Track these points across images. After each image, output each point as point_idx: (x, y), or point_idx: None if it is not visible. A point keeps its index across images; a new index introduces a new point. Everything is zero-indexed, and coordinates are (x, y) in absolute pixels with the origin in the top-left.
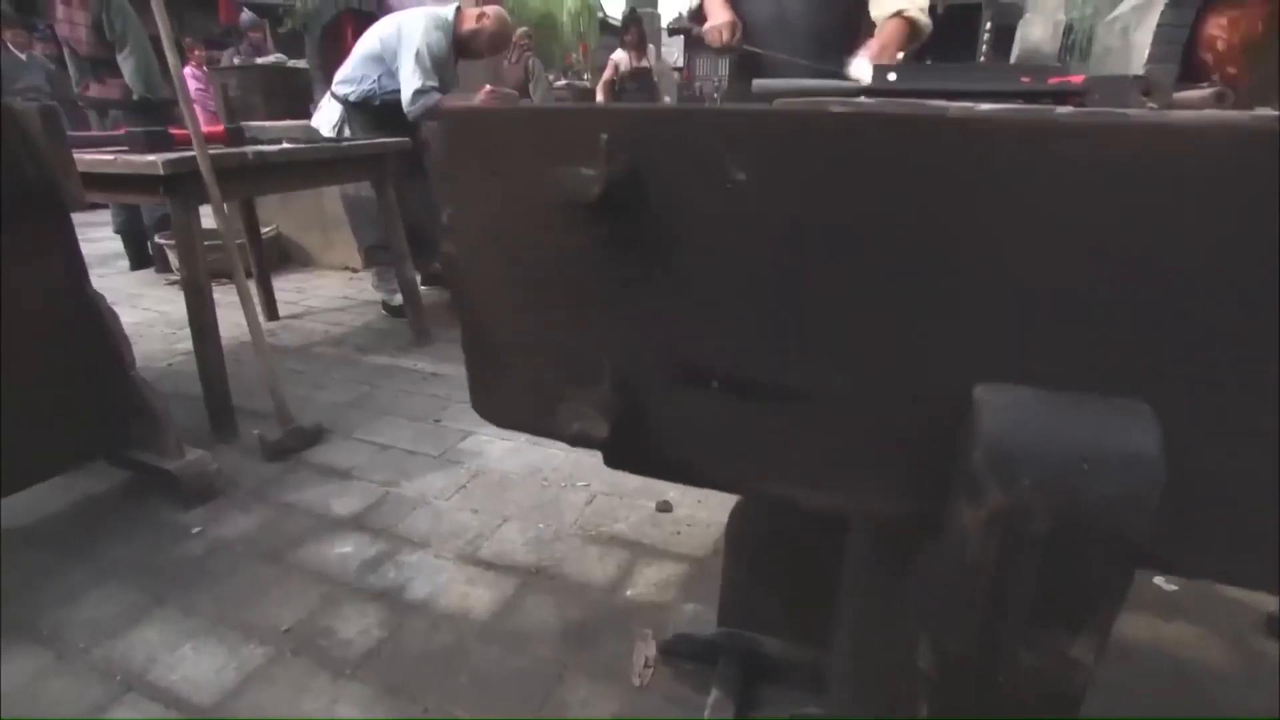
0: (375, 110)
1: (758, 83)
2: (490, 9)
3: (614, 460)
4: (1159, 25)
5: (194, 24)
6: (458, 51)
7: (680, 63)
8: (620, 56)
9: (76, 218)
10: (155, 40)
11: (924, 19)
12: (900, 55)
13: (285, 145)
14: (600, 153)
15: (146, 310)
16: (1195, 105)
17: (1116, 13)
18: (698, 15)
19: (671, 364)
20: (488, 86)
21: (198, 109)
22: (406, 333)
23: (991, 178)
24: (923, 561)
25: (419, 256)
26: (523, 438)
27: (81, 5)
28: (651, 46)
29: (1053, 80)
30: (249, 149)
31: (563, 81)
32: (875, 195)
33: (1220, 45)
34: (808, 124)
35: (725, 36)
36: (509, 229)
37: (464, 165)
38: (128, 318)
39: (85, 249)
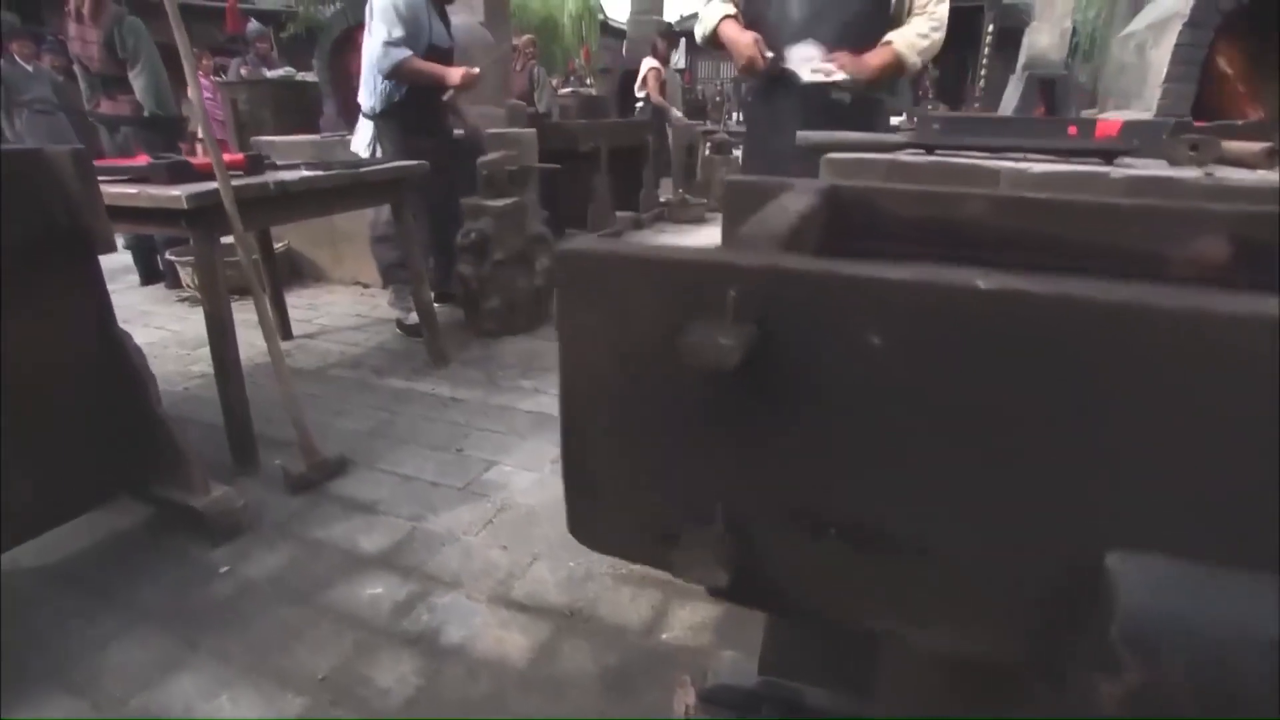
0: (401, 112)
1: (802, 135)
2: None
3: (733, 600)
4: (1177, 45)
5: (199, 32)
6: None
7: (682, 64)
8: (655, 64)
9: None
10: (164, 49)
11: (912, 58)
12: (869, 73)
13: (305, 173)
14: (730, 309)
15: (159, 329)
16: (1246, 161)
17: (1131, 29)
18: (713, 40)
19: (789, 511)
20: (462, 70)
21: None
22: (422, 354)
23: (1142, 360)
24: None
25: (438, 266)
26: (547, 469)
27: (94, 23)
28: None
29: (1090, 122)
30: (270, 179)
31: (568, 89)
32: (1016, 370)
33: (1234, 70)
34: (951, 297)
35: (759, 62)
36: (626, 371)
37: (580, 303)
38: (140, 337)
39: None
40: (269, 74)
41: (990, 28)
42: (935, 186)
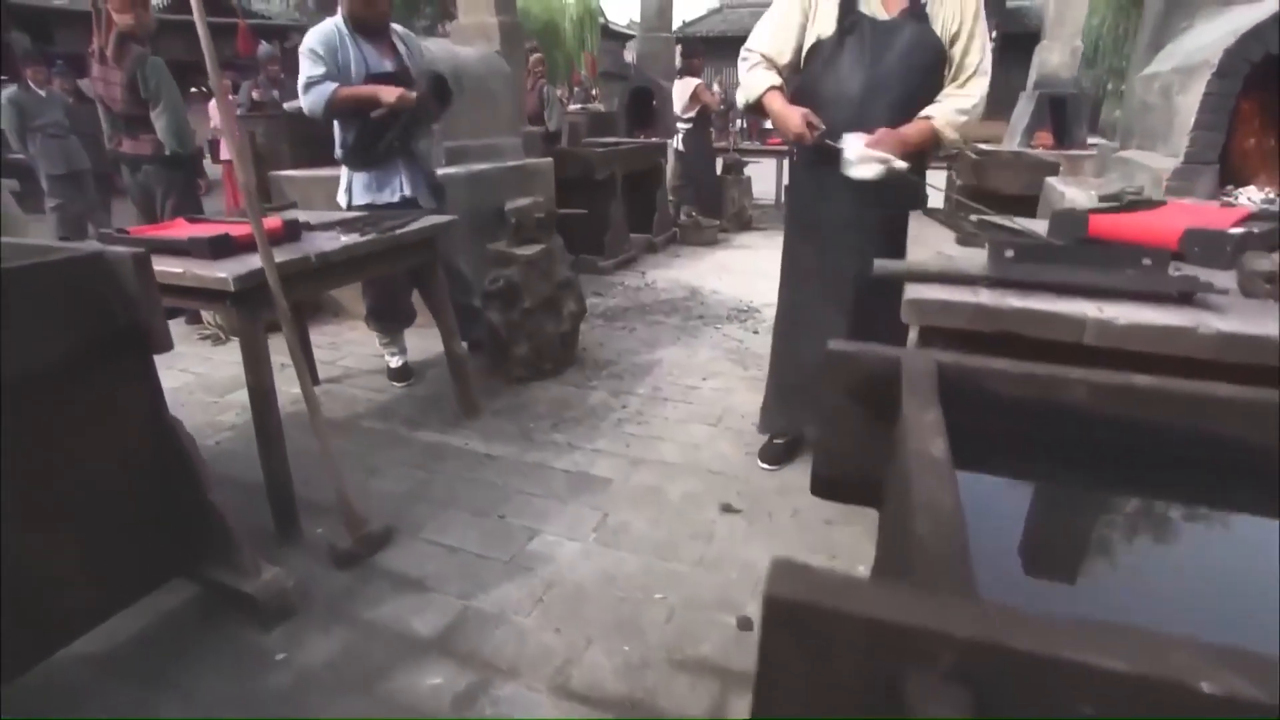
0: (353, 158)
1: (880, 263)
2: None
3: None
4: (1205, 94)
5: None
6: (357, 28)
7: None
8: (698, 81)
9: None
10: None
11: (950, 135)
12: (895, 148)
13: (343, 239)
14: (943, 669)
15: (183, 371)
16: None
17: (1155, 70)
18: (756, 108)
19: None
20: (399, 90)
21: (224, 142)
22: (451, 402)
23: None
24: None
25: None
26: (590, 538)
27: (117, 64)
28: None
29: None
30: (311, 251)
31: (577, 106)
32: None
33: (1261, 119)
34: (1173, 694)
35: (808, 138)
36: (828, 709)
37: (784, 645)
38: (164, 381)
39: None
40: (286, 106)
41: (993, 34)
42: (1037, 369)
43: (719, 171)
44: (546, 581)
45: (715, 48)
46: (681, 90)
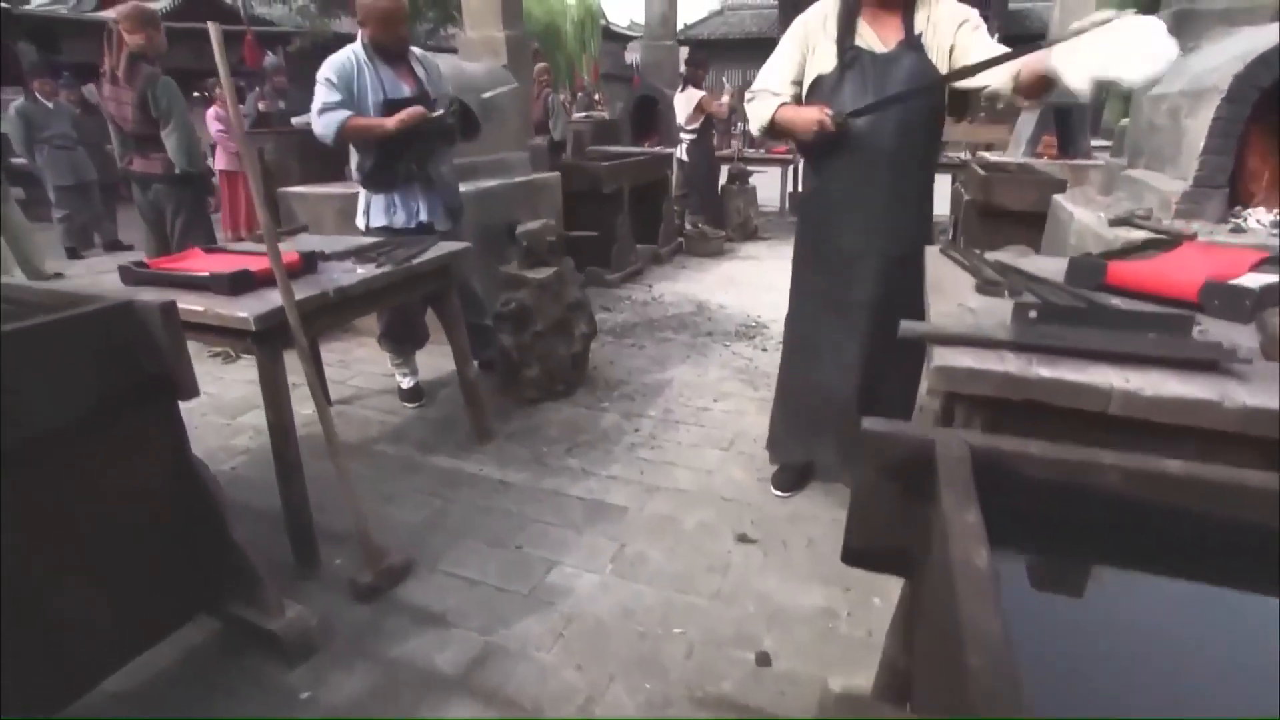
0: (374, 183)
1: (905, 324)
2: None
3: None
4: (1215, 119)
5: (212, 55)
6: (377, 51)
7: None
8: (701, 92)
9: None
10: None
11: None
12: None
13: (360, 272)
14: None
15: None
16: None
17: (1164, 91)
18: (771, 128)
19: None
20: (397, 117)
21: (220, 150)
22: (464, 425)
23: None
24: None
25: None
26: (608, 570)
27: (128, 84)
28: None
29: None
30: (330, 287)
31: (581, 114)
32: None
33: (1268, 143)
34: None
35: (828, 123)
36: None
37: None
38: None
39: None
40: (295, 121)
41: (995, 37)
42: (1068, 453)
43: (724, 181)
44: (566, 616)
45: (717, 50)
46: (685, 102)
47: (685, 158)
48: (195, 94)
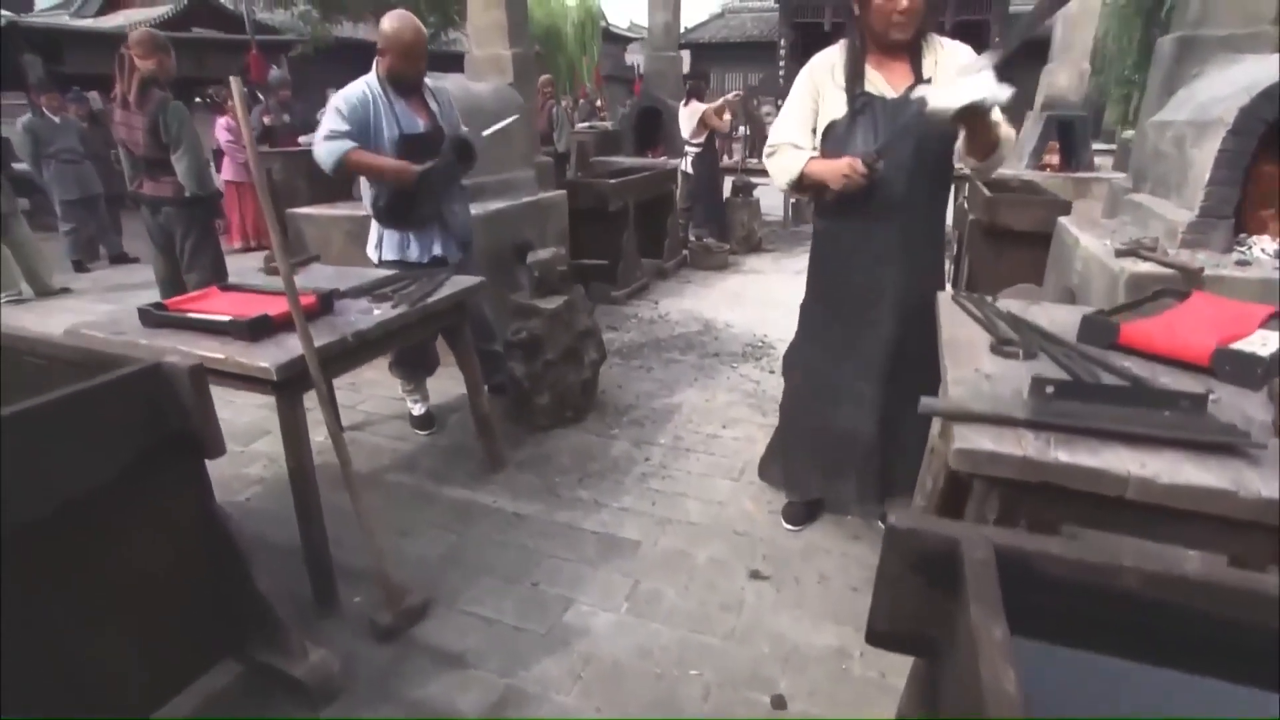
0: (391, 215)
1: (925, 401)
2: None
3: None
4: (1221, 150)
5: (217, 63)
6: (394, 84)
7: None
8: (703, 106)
9: (118, 289)
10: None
11: (1006, 130)
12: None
13: (376, 315)
14: None
15: None
16: None
17: (1168, 118)
18: (800, 183)
19: None
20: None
21: (227, 160)
22: (476, 453)
23: None
24: None
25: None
26: (623, 608)
27: (139, 110)
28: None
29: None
30: (349, 333)
31: (585, 124)
32: None
33: (1272, 174)
34: None
35: (859, 166)
36: None
37: None
38: None
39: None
40: (303, 140)
41: (995, 41)
42: (1089, 554)
43: (728, 194)
44: (584, 656)
45: (718, 54)
46: (688, 116)
47: (690, 170)
48: (198, 99)
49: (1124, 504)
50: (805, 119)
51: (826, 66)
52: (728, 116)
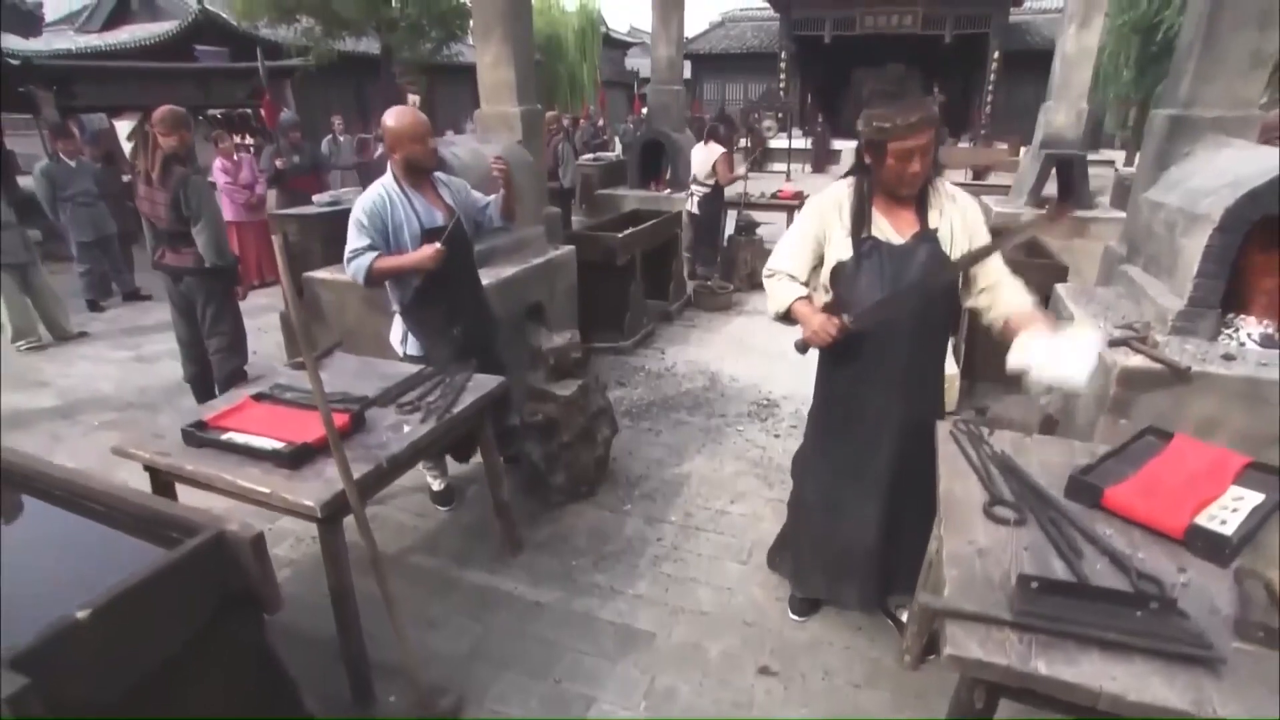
0: (418, 309)
1: (922, 596)
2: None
3: None
4: (1208, 246)
5: (221, 91)
6: (408, 176)
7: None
8: (722, 149)
9: (133, 331)
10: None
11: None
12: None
13: (406, 432)
14: None
15: None
16: None
17: (1161, 200)
18: (786, 316)
19: None
20: (429, 252)
21: (226, 200)
22: (495, 530)
23: None
24: None
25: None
26: (641, 706)
27: (162, 186)
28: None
29: None
30: (384, 458)
31: (589, 155)
32: None
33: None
34: None
35: (831, 330)
36: None
37: None
38: (213, 499)
39: (142, 371)
40: (315, 200)
41: (996, 55)
42: None
43: (730, 231)
44: None
45: (719, 64)
46: (704, 156)
47: (697, 210)
48: (200, 117)
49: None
50: (806, 253)
51: (834, 205)
52: (740, 170)
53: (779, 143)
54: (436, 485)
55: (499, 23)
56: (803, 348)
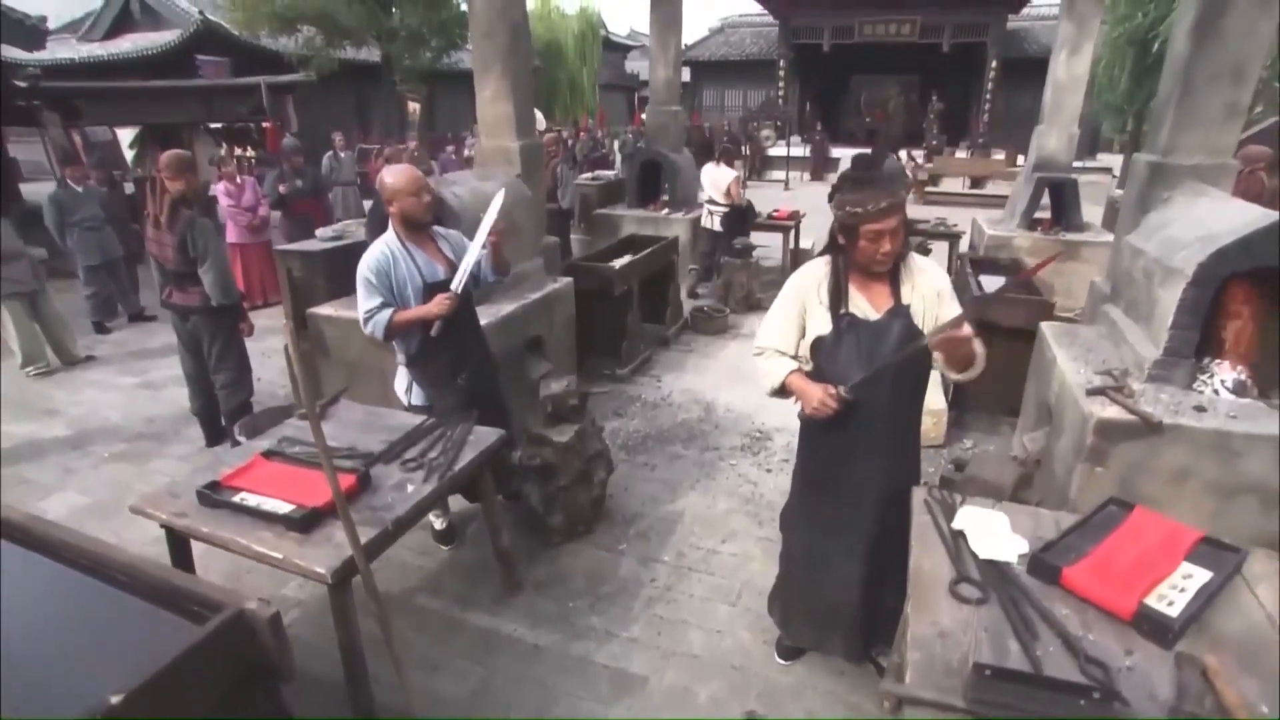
0: (423, 360)
1: (885, 685)
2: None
3: None
4: (1182, 299)
5: (221, 107)
6: (408, 231)
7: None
8: (735, 173)
9: (140, 355)
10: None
11: (979, 349)
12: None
13: (410, 492)
14: None
15: None
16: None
17: (1139, 245)
18: (781, 390)
19: None
20: (439, 304)
21: (229, 222)
22: (497, 571)
23: None
24: None
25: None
26: None
27: (170, 229)
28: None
29: None
30: (390, 521)
31: (588, 175)
32: None
33: (1237, 322)
34: None
35: (832, 403)
36: None
37: None
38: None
39: (149, 398)
40: (319, 234)
41: (994, 64)
42: None
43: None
44: None
45: (718, 71)
46: (716, 178)
47: (719, 228)
48: (203, 128)
49: None
50: (791, 329)
51: (813, 282)
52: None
53: (777, 151)
54: (439, 524)
55: (498, 59)
56: (806, 421)
